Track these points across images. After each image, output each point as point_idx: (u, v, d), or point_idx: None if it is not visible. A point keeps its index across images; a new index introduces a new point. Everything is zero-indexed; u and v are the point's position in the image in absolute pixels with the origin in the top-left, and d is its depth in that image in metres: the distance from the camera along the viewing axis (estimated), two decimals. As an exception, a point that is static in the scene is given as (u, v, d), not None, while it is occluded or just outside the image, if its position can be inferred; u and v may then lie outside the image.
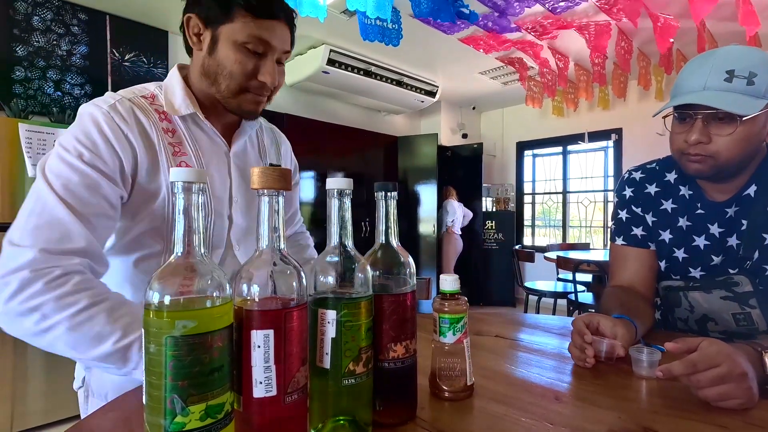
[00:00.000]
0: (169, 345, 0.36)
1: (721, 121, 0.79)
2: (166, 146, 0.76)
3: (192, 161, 0.78)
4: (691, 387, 0.59)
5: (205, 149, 0.81)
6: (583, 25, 3.03)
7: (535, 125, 5.27)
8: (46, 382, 2.20)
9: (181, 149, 0.78)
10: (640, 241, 1.00)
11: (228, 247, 0.83)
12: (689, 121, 0.82)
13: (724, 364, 0.57)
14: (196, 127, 0.81)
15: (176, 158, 0.76)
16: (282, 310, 0.42)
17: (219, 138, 0.83)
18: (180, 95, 0.79)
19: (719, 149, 0.80)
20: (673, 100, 0.83)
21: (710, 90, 0.78)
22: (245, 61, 0.75)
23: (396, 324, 0.53)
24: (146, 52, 3.16)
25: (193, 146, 0.79)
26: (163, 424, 0.36)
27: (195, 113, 0.79)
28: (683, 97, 0.81)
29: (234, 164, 0.85)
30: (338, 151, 4.41)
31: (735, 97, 0.76)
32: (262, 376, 0.41)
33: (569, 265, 2.86)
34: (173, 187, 0.39)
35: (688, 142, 0.81)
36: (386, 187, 0.54)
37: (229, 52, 0.74)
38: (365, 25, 2.64)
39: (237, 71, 0.75)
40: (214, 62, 0.76)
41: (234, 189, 0.84)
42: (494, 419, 0.55)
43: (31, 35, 2.68)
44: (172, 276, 0.38)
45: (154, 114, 0.76)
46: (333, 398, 0.48)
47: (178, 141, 0.78)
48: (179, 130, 0.79)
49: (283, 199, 0.45)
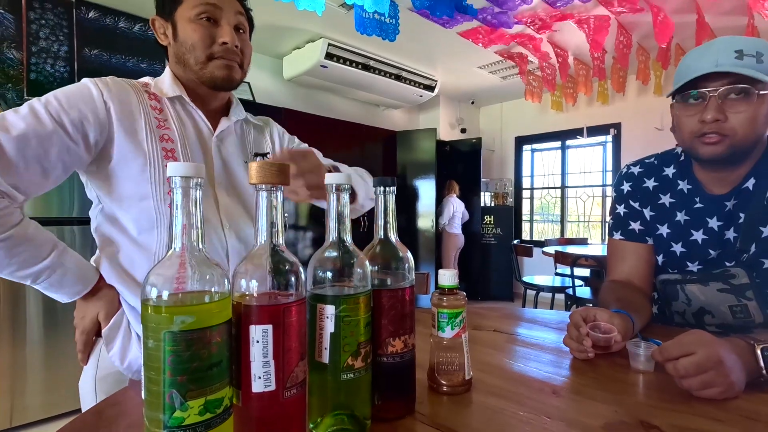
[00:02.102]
0: (167, 340, 0.36)
1: (737, 98, 0.78)
2: (151, 118, 0.82)
3: (175, 136, 0.84)
4: (675, 378, 0.60)
5: (189, 130, 0.87)
6: (582, 19, 3.02)
7: (534, 120, 5.27)
8: (45, 376, 2.20)
9: (165, 124, 0.84)
10: (638, 236, 1.00)
11: (220, 225, 0.86)
12: (701, 102, 0.81)
13: (699, 352, 0.58)
14: (183, 110, 0.88)
15: (160, 130, 0.82)
16: (280, 306, 0.42)
17: (204, 121, 0.89)
18: (168, 81, 0.87)
19: (735, 127, 0.79)
20: (685, 77, 0.81)
21: (724, 66, 0.77)
22: (201, 29, 0.82)
23: (394, 319, 0.53)
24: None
25: (178, 125, 0.85)
26: (162, 419, 0.36)
27: (181, 96, 0.87)
28: (699, 71, 0.79)
29: (216, 146, 0.90)
30: (336, 146, 4.39)
31: (751, 72, 0.75)
32: (261, 371, 0.41)
33: (567, 259, 2.87)
34: (172, 182, 0.39)
35: (706, 121, 0.80)
36: (385, 182, 0.54)
37: (186, 28, 0.83)
38: (362, 18, 2.62)
39: (197, 39, 0.82)
40: (179, 45, 0.84)
41: (216, 170, 0.89)
42: (492, 413, 0.55)
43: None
44: (169, 271, 0.38)
45: (144, 94, 0.84)
46: (332, 393, 0.48)
47: (164, 118, 0.84)
48: (166, 110, 0.86)
49: (282, 194, 0.44)
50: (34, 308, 2.17)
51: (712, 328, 0.92)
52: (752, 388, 0.60)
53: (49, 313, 2.21)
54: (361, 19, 2.65)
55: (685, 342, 0.61)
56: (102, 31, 2.02)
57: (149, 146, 0.79)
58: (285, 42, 3.63)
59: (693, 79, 0.80)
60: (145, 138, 0.79)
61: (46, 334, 2.20)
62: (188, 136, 0.86)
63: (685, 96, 0.84)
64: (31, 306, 2.17)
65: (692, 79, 0.81)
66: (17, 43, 1.84)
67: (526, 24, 3.08)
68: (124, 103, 0.79)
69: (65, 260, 0.75)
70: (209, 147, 0.89)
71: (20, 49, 1.84)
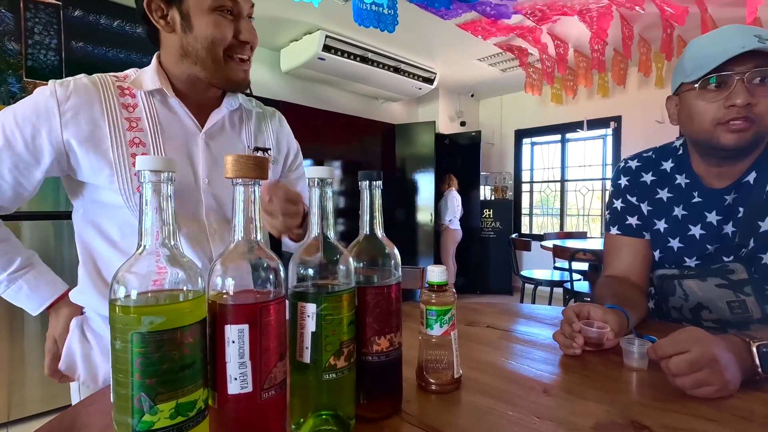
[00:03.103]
0: (135, 342, 0.34)
1: (760, 83, 0.75)
2: (119, 121, 0.75)
3: (147, 138, 0.76)
4: (668, 376, 0.59)
5: (168, 128, 0.79)
6: (584, 10, 2.97)
7: (534, 113, 5.22)
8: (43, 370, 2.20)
9: (138, 125, 0.76)
10: (635, 231, 0.98)
11: (205, 231, 0.80)
12: (723, 88, 0.78)
13: (693, 350, 0.57)
14: (162, 105, 0.80)
15: (130, 133, 0.75)
16: (257, 305, 0.40)
17: (189, 117, 0.81)
18: (150, 73, 0.79)
19: (764, 112, 0.76)
20: (711, 60, 0.77)
21: (750, 46, 0.73)
22: (223, 23, 0.74)
23: (380, 317, 0.51)
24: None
25: (152, 123, 0.78)
26: (131, 423, 0.34)
27: (162, 89, 0.78)
28: (727, 54, 0.74)
29: (205, 144, 0.82)
30: (335, 139, 4.36)
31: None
32: (237, 372, 0.39)
33: (565, 253, 2.85)
34: (140, 177, 0.37)
35: (736, 105, 0.76)
36: (371, 176, 0.52)
37: (204, 21, 0.73)
38: (360, 9, 2.58)
39: (218, 36, 0.74)
40: (192, 39, 0.75)
41: (204, 170, 0.81)
42: (481, 413, 0.54)
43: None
44: (139, 269, 0.36)
45: (115, 93, 0.76)
46: (314, 393, 0.47)
47: (137, 116, 0.77)
48: (141, 106, 0.78)
49: (260, 188, 0.43)
50: (30, 303, 2.17)
51: (709, 324, 0.91)
52: (747, 387, 0.59)
53: (45, 308, 2.21)
54: (359, 11, 2.61)
55: (679, 339, 0.60)
56: (86, 26, 2.46)
57: (116, 154, 0.73)
58: (282, 34, 3.59)
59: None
60: (110, 146, 0.73)
61: (43, 328, 2.19)
62: (167, 135, 0.78)
63: (704, 82, 0.79)
64: (26, 300, 2.16)
65: (706, 63, 0.77)
66: (16, 37, 2.25)
67: (526, 15, 3.04)
68: (85, 110, 0.73)
69: (36, 263, 0.80)
70: (196, 146, 0.81)
71: (19, 42, 2.25)
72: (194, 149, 0.81)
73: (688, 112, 0.84)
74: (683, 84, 0.84)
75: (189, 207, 0.79)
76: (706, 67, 0.78)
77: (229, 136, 0.86)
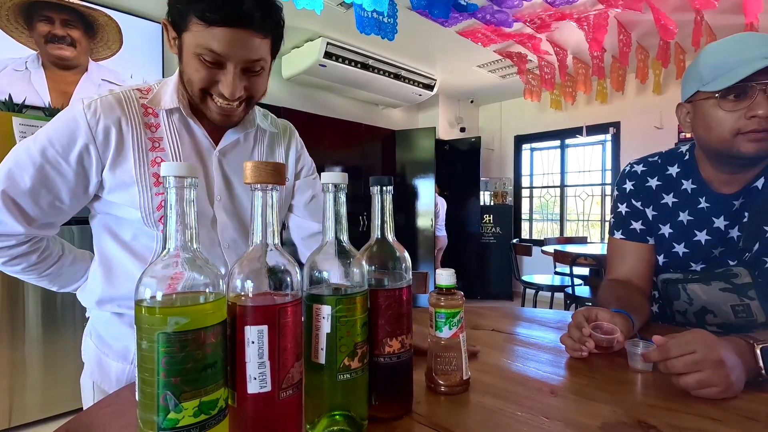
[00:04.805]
0: (161, 341, 0.35)
1: None
2: (143, 141, 0.76)
3: (168, 158, 0.78)
4: (671, 376, 0.60)
5: (185, 146, 0.80)
6: (582, 17, 3.01)
7: (534, 119, 5.26)
8: (44, 375, 2.20)
9: (160, 144, 0.77)
10: (639, 236, 0.99)
11: (218, 245, 0.83)
12: (743, 98, 0.77)
13: (698, 351, 0.58)
14: (180, 123, 0.80)
15: (153, 153, 0.76)
16: (276, 306, 0.42)
17: (205, 135, 0.82)
18: (170, 91, 0.79)
19: None
20: (733, 72, 0.76)
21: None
22: (201, 70, 0.71)
23: (391, 319, 0.52)
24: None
25: (173, 144, 0.78)
26: (156, 421, 0.36)
27: (179, 108, 0.78)
28: (751, 65, 0.74)
29: (218, 161, 0.83)
30: (335, 145, 4.38)
31: None
32: (257, 372, 0.40)
33: (566, 258, 2.87)
34: (165, 182, 0.38)
35: (758, 116, 0.75)
36: (381, 181, 0.53)
37: (189, 60, 0.72)
38: (362, 17, 2.61)
39: (195, 80, 0.73)
40: (183, 68, 0.75)
41: (217, 187, 0.82)
42: (490, 413, 0.55)
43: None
44: (163, 271, 0.38)
45: (139, 108, 0.77)
46: (328, 393, 0.48)
47: (159, 137, 0.78)
48: (162, 126, 0.78)
49: (278, 194, 0.44)
50: (32, 307, 2.17)
51: (713, 328, 0.91)
52: (751, 388, 0.60)
53: (48, 312, 2.21)
54: (361, 18, 2.64)
55: (684, 341, 0.61)
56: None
57: (138, 173, 0.75)
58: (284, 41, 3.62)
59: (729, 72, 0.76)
60: (133, 166, 0.75)
61: (45, 333, 2.20)
62: (186, 154, 0.79)
63: (724, 92, 0.79)
64: (29, 305, 2.16)
65: (728, 73, 0.77)
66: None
67: (525, 23, 3.07)
68: (113, 129, 0.73)
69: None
70: (209, 163, 0.82)
71: None
72: (209, 167, 0.83)
73: (705, 120, 0.83)
74: (699, 92, 0.83)
75: (204, 222, 0.80)
76: (729, 77, 0.76)
77: (242, 155, 0.88)
